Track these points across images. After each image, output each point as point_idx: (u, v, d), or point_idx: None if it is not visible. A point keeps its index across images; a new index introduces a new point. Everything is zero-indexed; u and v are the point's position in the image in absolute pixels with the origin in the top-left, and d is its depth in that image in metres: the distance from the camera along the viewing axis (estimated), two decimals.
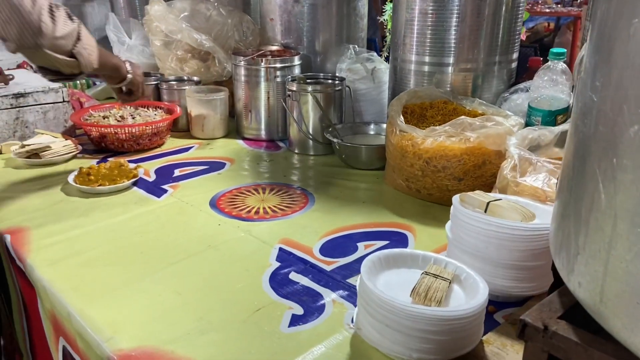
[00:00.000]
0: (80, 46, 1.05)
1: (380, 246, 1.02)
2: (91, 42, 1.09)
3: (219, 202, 1.22)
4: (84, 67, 1.08)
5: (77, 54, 1.05)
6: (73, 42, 1.04)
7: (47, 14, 0.97)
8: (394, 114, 1.21)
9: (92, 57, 1.09)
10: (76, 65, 1.07)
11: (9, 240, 1.03)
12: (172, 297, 0.85)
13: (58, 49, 1.01)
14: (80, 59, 1.07)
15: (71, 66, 1.06)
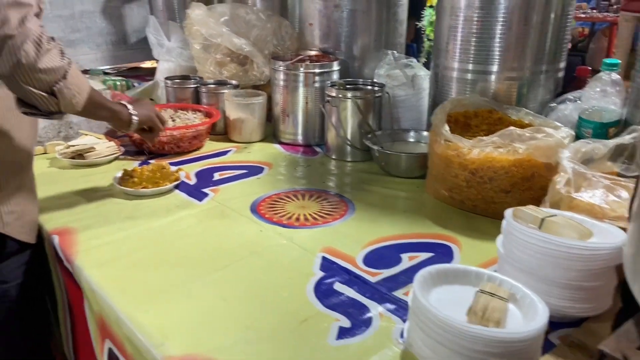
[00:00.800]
0: (64, 84, 0.91)
1: (424, 258, 1.00)
2: (80, 83, 0.96)
3: (259, 207, 1.22)
4: (63, 107, 0.94)
5: (57, 92, 0.91)
6: (56, 79, 0.90)
7: (32, 43, 0.85)
8: (438, 123, 1.19)
9: (75, 98, 0.95)
10: (55, 103, 0.93)
11: (57, 241, 1.05)
12: (219, 303, 0.86)
13: (36, 83, 0.88)
14: (60, 98, 0.92)
15: (48, 104, 0.92)
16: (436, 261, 0.99)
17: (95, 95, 1.05)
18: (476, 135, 1.21)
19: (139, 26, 2.88)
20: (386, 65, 1.70)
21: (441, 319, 0.65)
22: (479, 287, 0.73)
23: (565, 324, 0.80)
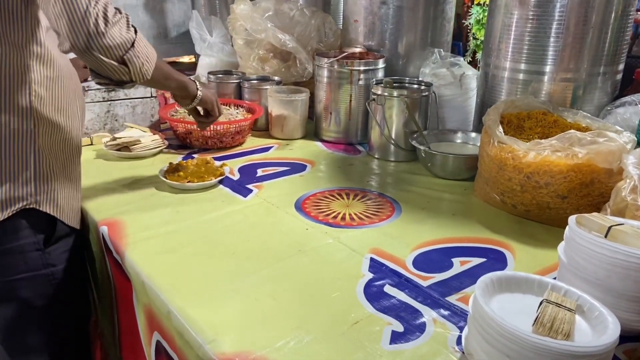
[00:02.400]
0: (133, 53, 0.97)
1: (477, 263, 0.97)
2: (149, 52, 1.02)
3: (304, 205, 1.21)
4: (134, 75, 1.00)
5: (127, 61, 0.97)
6: (126, 49, 0.96)
7: (102, 15, 0.91)
8: (491, 124, 1.15)
9: (144, 67, 1.01)
10: (126, 72, 0.99)
11: (106, 232, 1.06)
12: (268, 302, 0.85)
13: (108, 53, 0.94)
14: (130, 67, 0.98)
15: (120, 73, 0.98)
16: (489, 267, 0.96)
17: (163, 64, 1.12)
18: (530, 138, 1.17)
19: (180, 21, 2.91)
20: (432, 63, 1.66)
21: (507, 329, 0.62)
22: (544, 297, 0.70)
23: (631, 338, 0.76)
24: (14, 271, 0.98)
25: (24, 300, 1.01)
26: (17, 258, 0.98)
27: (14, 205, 0.95)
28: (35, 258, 1.00)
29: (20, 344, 1.04)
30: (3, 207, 0.94)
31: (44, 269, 1.01)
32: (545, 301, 0.68)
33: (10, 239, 0.96)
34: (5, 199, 0.94)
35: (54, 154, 1.00)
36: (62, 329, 1.09)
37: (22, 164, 0.95)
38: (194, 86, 1.25)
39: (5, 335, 1.04)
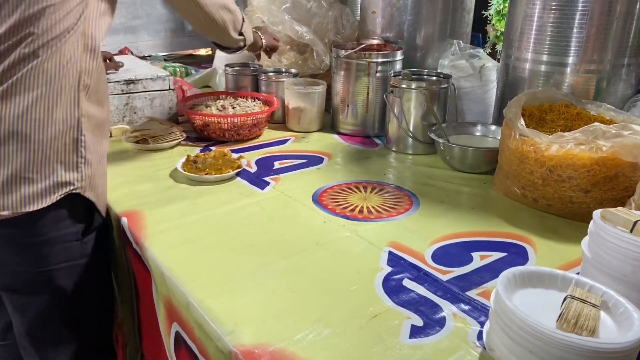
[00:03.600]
0: (245, 26, 1.43)
1: (497, 258, 0.96)
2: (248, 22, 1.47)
3: (322, 197, 1.20)
4: (247, 41, 1.47)
5: (244, 32, 1.43)
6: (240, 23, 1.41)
7: None
8: (512, 117, 1.13)
9: (251, 34, 1.48)
10: (243, 40, 1.45)
11: (125, 223, 1.07)
12: (287, 294, 0.85)
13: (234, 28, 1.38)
14: (245, 35, 1.44)
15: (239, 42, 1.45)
16: (509, 261, 0.94)
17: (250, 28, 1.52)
18: (552, 131, 1.14)
19: None
20: (451, 55, 1.64)
21: (531, 325, 0.61)
22: (568, 292, 0.69)
23: None
24: (54, 261, 1.00)
25: (58, 291, 1.02)
26: (58, 248, 1.00)
27: (62, 189, 0.96)
28: (75, 248, 1.02)
29: (47, 336, 1.06)
30: (52, 191, 0.95)
31: (80, 259, 1.03)
32: (570, 297, 0.67)
33: (52, 228, 0.98)
34: (55, 184, 0.95)
35: (93, 144, 1.02)
36: (89, 319, 1.11)
37: (71, 150, 0.97)
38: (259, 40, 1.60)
39: (34, 328, 1.05)
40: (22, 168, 0.92)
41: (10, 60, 0.89)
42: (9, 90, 0.90)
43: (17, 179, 0.92)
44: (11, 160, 0.91)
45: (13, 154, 0.91)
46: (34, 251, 0.98)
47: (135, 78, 1.59)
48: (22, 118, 0.91)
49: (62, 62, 0.93)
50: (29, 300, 1.02)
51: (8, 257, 0.99)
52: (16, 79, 0.90)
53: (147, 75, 1.62)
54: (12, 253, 0.98)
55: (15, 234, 0.96)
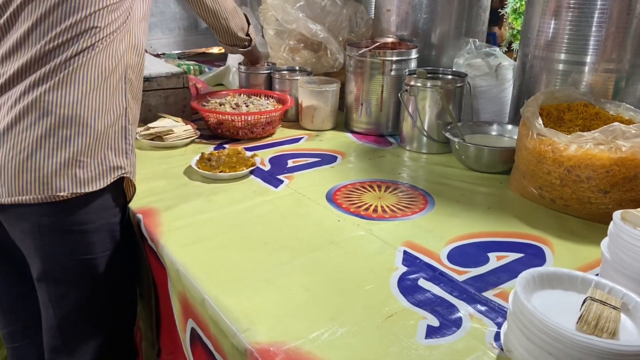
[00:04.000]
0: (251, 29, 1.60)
1: (514, 259, 0.95)
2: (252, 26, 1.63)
3: (335, 196, 1.20)
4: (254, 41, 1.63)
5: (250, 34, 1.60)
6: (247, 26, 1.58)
7: None
8: (530, 116, 1.12)
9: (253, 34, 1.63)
10: (249, 41, 1.61)
11: (141, 220, 1.07)
12: (301, 292, 0.84)
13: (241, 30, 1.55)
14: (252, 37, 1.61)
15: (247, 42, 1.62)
16: (527, 262, 0.93)
17: None
18: (570, 131, 1.13)
19: None
20: (466, 54, 1.63)
21: (551, 326, 0.60)
22: (588, 294, 0.67)
23: None
24: (101, 248, 1.03)
25: (98, 279, 1.03)
26: (104, 235, 1.03)
27: (114, 173, 1.02)
28: (116, 236, 1.06)
29: (80, 327, 1.06)
30: (105, 174, 1.00)
31: (118, 247, 1.06)
32: (590, 298, 0.66)
33: (100, 216, 1.01)
34: (107, 168, 1.00)
35: (133, 134, 1.09)
36: (118, 310, 1.12)
37: (120, 137, 1.04)
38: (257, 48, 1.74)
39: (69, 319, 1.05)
40: (79, 152, 0.96)
41: (74, 49, 0.95)
42: (69, 77, 0.96)
43: (74, 161, 0.96)
44: (69, 144, 0.96)
45: (71, 137, 0.96)
46: (83, 239, 1.01)
47: (150, 76, 1.60)
48: (80, 104, 0.96)
49: (115, 56, 1.01)
50: (69, 290, 1.03)
51: (55, 245, 1.00)
52: (76, 66, 0.96)
53: (161, 72, 1.62)
54: (59, 240, 0.99)
55: (63, 220, 0.98)
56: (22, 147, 0.93)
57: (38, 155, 0.93)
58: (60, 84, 0.95)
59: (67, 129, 0.95)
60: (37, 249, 1.00)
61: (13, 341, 1.23)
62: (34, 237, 0.99)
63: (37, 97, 0.94)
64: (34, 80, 0.95)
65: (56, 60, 0.95)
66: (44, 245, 1.00)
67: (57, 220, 0.98)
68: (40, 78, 0.95)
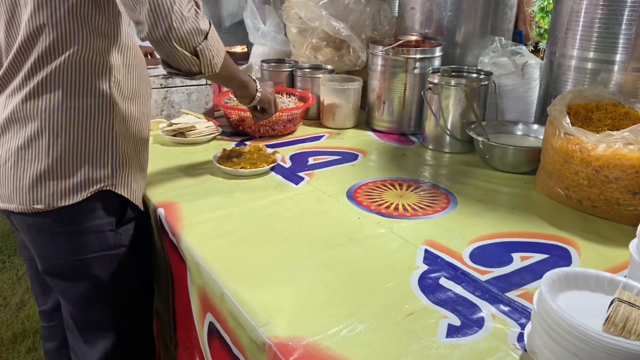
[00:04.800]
0: (205, 45, 0.96)
1: (539, 259, 0.93)
2: (219, 46, 1.01)
3: (356, 194, 1.19)
4: (203, 67, 0.98)
5: (200, 52, 0.95)
6: (199, 40, 0.94)
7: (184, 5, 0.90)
8: (557, 115, 1.09)
9: (215, 60, 0.99)
10: (197, 63, 0.97)
11: (162, 214, 1.08)
12: (321, 288, 0.84)
13: (184, 43, 0.92)
14: (201, 58, 0.96)
15: (191, 63, 0.96)
16: (552, 263, 0.91)
17: (230, 62, 1.11)
18: (599, 130, 1.10)
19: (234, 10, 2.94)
20: (491, 52, 1.60)
21: (577, 327, 0.58)
22: (615, 295, 0.65)
23: None
24: (89, 250, 1.02)
25: (95, 278, 1.04)
26: (92, 237, 1.02)
27: (93, 186, 0.99)
28: (109, 238, 1.04)
29: (89, 320, 1.09)
30: (82, 187, 0.97)
31: (115, 249, 1.05)
32: (617, 300, 0.64)
33: (87, 218, 1.00)
34: (85, 180, 0.98)
35: (128, 140, 1.03)
36: (128, 307, 1.13)
37: (101, 147, 0.99)
38: (254, 86, 1.26)
39: (76, 311, 1.08)
40: (54, 163, 0.95)
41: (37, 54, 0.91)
42: (41, 85, 0.92)
43: (49, 173, 0.95)
44: (44, 155, 0.94)
45: (45, 149, 0.94)
46: (69, 240, 1.00)
47: None
48: (53, 113, 0.93)
49: (90, 58, 0.94)
50: (68, 285, 1.05)
51: (45, 244, 1.02)
52: (46, 74, 0.92)
53: None
54: (48, 240, 1.01)
55: (49, 224, 0.99)
56: (6, 158, 0.95)
57: (18, 167, 0.95)
58: (34, 93, 0.92)
59: (43, 139, 0.93)
60: (32, 246, 1.04)
61: (44, 320, 1.31)
62: (26, 235, 1.03)
63: (15, 108, 0.93)
64: (11, 91, 0.94)
65: (26, 67, 0.92)
66: (36, 243, 1.03)
67: (42, 221, 0.99)
68: (15, 88, 0.93)
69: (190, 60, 0.96)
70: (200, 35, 0.94)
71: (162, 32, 0.89)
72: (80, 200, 0.97)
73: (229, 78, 1.16)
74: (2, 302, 2.33)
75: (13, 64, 0.93)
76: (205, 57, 0.98)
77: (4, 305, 2.31)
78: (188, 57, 0.95)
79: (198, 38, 0.94)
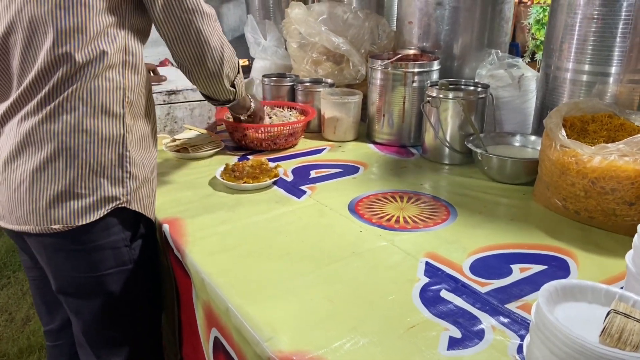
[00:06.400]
0: (239, 78, 1.22)
1: (537, 271, 0.94)
2: (241, 75, 1.24)
3: (358, 207, 1.21)
4: (238, 95, 1.26)
5: (236, 85, 1.22)
6: (235, 74, 1.20)
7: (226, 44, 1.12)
8: (553, 127, 1.11)
9: (243, 88, 1.26)
10: (233, 93, 1.24)
11: (167, 230, 1.10)
12: (324, 303, 0.85)
13: (228, 78, 1.17)
14: (237, 89, 1.24)
15: (230, 94, 1.23)
16: (551, 274, 0.93)
17: None
18: (594, 142, 1.12)
19: (235, 25, 2.99)
20: (489, 65, 1.63)
21: (574, 339, 0.60)
22: (611, 306, 0.67)
23: None
24: (105, 266, 1.04)
25: (110, 295, 1.06)
26: (108, 254, 1.03)
27: (109, 204, 1.00)
28: (124, 254, 1.06)
29: (102, 337, 1.10)
30: (99, 206, 0.99)
31: (129, 264, 1.07)
32: (613, 311, 0.65)
33: (103, 235, 1.02)
34: (102, 199, 0.99)
35: (140, 157, 1.05)
36: (140, 322, 1.14)
37: (116, 166, 1.00)
38: (249, 101, 1.46)
39: (90, 329, 1.09)
40: (71, 184, 0.97)
41: (55, 80, 0.94)
42: (57, 108, 0.94)
43: (66, 194, 0.97)
44: (61, 176, 0.96)
45: (63, 170, 0.96)
46: (85, 257, 1.02)
47: (177, 89, 1.65)
48: (69, 135, 0.95)
49: (105, 80, 0.97)
50: (83, 303, 1.07)
51: (62, 263, 1.04)
52: (62, 98, 0.94)
53: (187, 86, 1.67)
54: (65, 259, 1.03)
55: (66, 243, 1.00)
56: (21, 180, 0.97)
57: (34, 188, 0.96)
58: (50, 116, 0.94)
59: (59, 161, 0.95)
60: (47, 265, 1.06)
61: (50, 339, 1.31)
62: (41, 255, 1.05)
63: (30, 130, 0.95)
64: (25, 113, 0.96)
65: (43, 92, 0.94)
66: (51, 263, 1.04)
67: (59, 241, 1.00)
68: (31, 111, 0.95)
69: (229, 91, 1.22)
70: (236, 70, 1.20)
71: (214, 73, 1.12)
72: (97, 218, 0.99)
73: (243, 99, 1.37)
74: (7, 317, 2.34)
75: (30, 89, 0.95)
76: (239, 88, 1.25)
77: (9, 320, 2.32)
78: (227, 90, 1.21)
79: (235, 73, 1.19)
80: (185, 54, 1.07)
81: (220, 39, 1.09)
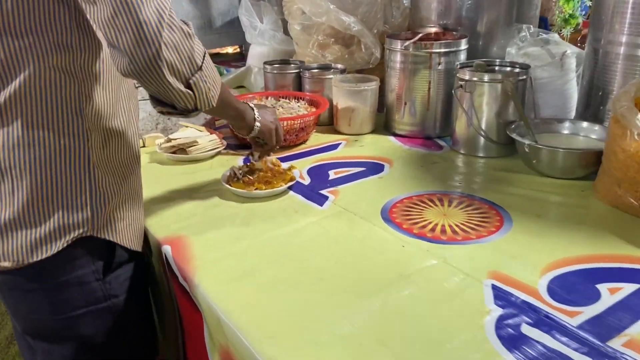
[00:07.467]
0: (199, 76, 0.79)
1: (631, 291, 0.77)
2: (215, 76, 0.84)
3: (392, 214, 1.03)
4: (199, 103, 0.81)
5: (193, 85, 0.79)
6: (193, 70, 0.78)
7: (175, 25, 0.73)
8: (626, 112, 0.93)
9: (210, 92, 0.82)
10: (191, 98, 0.80)
11: (169, 252, 0.91)
12: (377, 348, 0.67)
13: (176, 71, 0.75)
14: (196, 92, 0.80)
15: (185, 98, 0.79)
16: None
17: (225, 90, 0.92)
18: None
19: (225, 9, 2.76)
20: (519, 42, 1.44)
21: None
22: None
23: None
24: (72, 306, 0.84)
25: (82, 338, 0.87)
26: (74, 291, 0.84)
27: (69, 234, 0.81)
28: (95, 290, 0.86)
29: None
30: (57, 237, 0.80)
31: (105, 301, 0.87)
32: None
33: (65, 270, 0.82)
34: (59, 228, 0.80)
35: (110, 169, 0.85)
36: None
37: (75, 187, 0.81)
38: (252, 115, 1.06)
39: None
40: (20, 211, 0.78)
41: None
42: None
43: (15, 224, 0.78)
44: (7, 203, 0.77)
45: (8, 195, 0.77)
46: (47, 297, 0.83)
47: None
48: (12, 152, 0.76)
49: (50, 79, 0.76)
50: (52, 347, 0.88)
51: (19, 303, 0.85)
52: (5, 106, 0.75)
53: None
54: (21, 299, 0.84)
55: (21, 281, 0.82)
56: None
57: None
58: None
59: (4, 183, 0.77)
60: (6, 306, 0.88)
61: None
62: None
63: None
64: None
65: None
66: (9, 303, 0.87)
67: (12, 278, 0.82)
68: None
69: (184, 94, 0.78)
70: (194, 63, 0.77)
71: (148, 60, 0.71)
72: (55, 252, 0.80)
73: (224, 108, 0.97)
74: None
75: None
76: (201, 90, 0.80)
77: None
78: (182, 92, 0.78)
79: (193, 67, 0.77)
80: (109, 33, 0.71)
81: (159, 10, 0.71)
